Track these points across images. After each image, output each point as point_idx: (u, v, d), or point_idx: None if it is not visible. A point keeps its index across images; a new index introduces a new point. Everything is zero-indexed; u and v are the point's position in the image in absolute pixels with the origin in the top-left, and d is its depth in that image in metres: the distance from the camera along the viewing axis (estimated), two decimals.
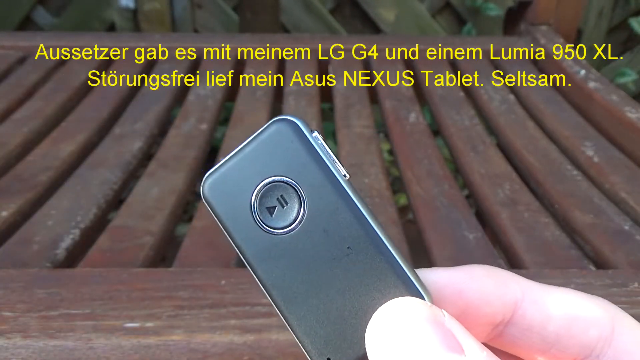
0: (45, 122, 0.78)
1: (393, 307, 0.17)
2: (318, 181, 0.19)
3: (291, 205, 0.19)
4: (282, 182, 0.19)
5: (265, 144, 0.19)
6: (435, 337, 0.16)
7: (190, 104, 0.84)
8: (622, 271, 0.48)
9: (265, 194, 0.19)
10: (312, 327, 0.19)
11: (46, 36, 1.05)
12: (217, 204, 0.19)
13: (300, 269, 0.19)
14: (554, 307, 0.18)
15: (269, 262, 0.19)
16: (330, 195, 0.19)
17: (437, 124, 0.83)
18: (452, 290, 0.18)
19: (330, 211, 0.19)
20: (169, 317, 0.41)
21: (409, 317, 0.16)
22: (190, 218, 0.60)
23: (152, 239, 0.55)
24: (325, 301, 0.19)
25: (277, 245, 0.19)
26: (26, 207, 0.60)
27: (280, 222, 0.19)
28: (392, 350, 0.16)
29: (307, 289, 0.19)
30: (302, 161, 0.19)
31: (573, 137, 0.76)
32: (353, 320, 0.18)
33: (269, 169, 0.19)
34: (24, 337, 0.39)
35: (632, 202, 0.62)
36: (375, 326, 0.17)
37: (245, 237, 0.19)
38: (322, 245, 0.19)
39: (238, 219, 0.19)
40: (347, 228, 0.19)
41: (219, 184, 0.19)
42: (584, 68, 0.93)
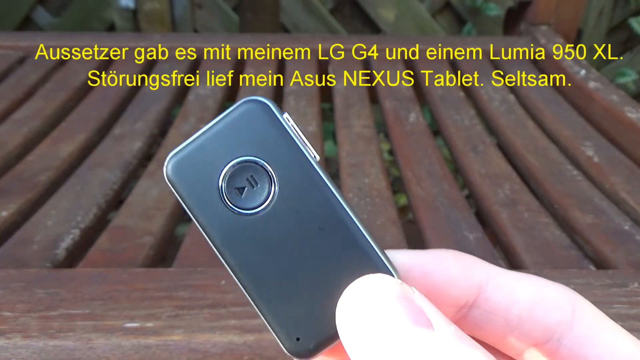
0: (45, 122, 0.78)
1: (363, 283, 0.17)
2: (289, 162, 0.19)
3: (261, 185, 0.19)
4: (252, 163, 0.19)
5: (235, 124, 0.19)
6: (404, 313, 0.16)
7: (190, 104, 0.84)
8: (622, 271, 0.48)
9: (234, 174, 0.19)
10: (280, 308, 0.19)
11: (46, 36, 1.05)
12: (182, 184, 0.19)
13: (269, 250, 0.19)
14: (518, 291, 0.19)
15: (237, 244, 0.19)
16: (302, 176, 0.19)
17: (437, 124, 0.83)
18: (419, 272, 0.19)
19: (302, 192, 0.19)
20: (169, 317, 0.41)
21: (379, 292, 0.17)
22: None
23: (152, 239, 0.55)
24: (295, 282, 0.19)
25: (246, 227, 0.19)
26: (26, 207, 0.60)
27: (249, 202, 0.19)
28: (362, 325, 0.16)
29: (276, 270, 0.19)
30: (273, 142, 0.19)
31: (573, 137, 0.76)
32: (323, 300, 0.18)
33: (238, 149, 0.19)
34: (24, 337, 0.39)
35: (632, 202, 0.62)
36: (346, 302, 0.17)
37: (212, 218, 0.19)
38: (292, 226, 0.18)
39: (204, 200, 0.19)
40: (319, 208, 0.18)
41: (184, 164, 0.19)
42: (584, 68, 0.93)
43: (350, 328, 0.17)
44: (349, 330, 0.17)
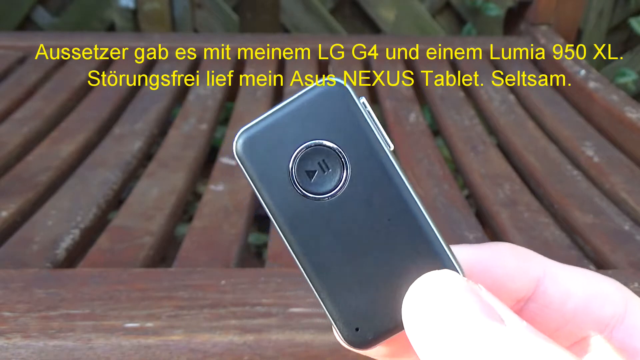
0: (45, 122, 0.78)
1: (432, 278, 0.17)
2: (364, 149, 0.18)
3: (333, 171, 0.18)
4: (326, 147, 0.18)
5: (310, 105, 0.18)
6: (475, 306, 0.16)
7: (190, 104, 0.84)
8: (622, 271, 0.48)
9: (306, 156, 0.18)
10: (342, 296, 0.18)
11: (46, 36, 1.05)
12: (251, 162, 0.18)
13: (335, 237, 0.18)
14: (573, 285, 0.19)
15: (303, 228, 0.18)
16: (375, 164, 0.18)
17: (437, 124, 0.83)
18: (480, 267, 0.19)
19: (374, 181, 0.18)
20: (169, 317, 0.41)
21: (448, 288, 0.16)
22: (190, 218, 0.60)
23: (152, 239, 0.54)
24: (359, 271, 0.18)
25: (314, 211, 0.18)
26: (26, 207, 0.60)
27: (319, 187, 0.18)
28: (431, 320, 0.16)
29: (340, 258, 0.18)
30: (349, 127, 0.18)
31: (573, 137, 0.76)
32: (386, 292, 0.18)
33: (312, 131, 0.18)
34: (24, 337, 0.39)
35: (632, 202, 0.62)
36: (413, 296, 0.17)
37: (280, 199, 0.18)
38: (361, 215, 0.18)
39: (273, 180, 0.18)
40: (390, 199, 0.18)
41: (255, 141, 0.18)
42: (584, 68, 0.93)
43: (417, 322, 0.16)
44: (416, 324, 0.16)
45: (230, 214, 0.58)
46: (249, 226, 0.59)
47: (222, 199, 0.61)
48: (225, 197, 0.61)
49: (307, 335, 0.39)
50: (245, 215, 0.58)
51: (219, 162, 0.69)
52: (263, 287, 0.44)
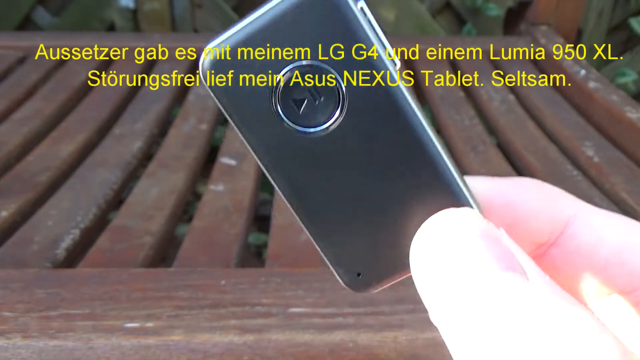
0: (45, 122, 0.78)
1: (443, 218, 0.15)
2: (365, 70, 0.15)
3: (326, 99, 0.15)
4: (317, 68, 0.14)
5: (294, 14, 0.14)
6: (490, 254, 0.13)
7: (190, 104, 0.84)
8: None
9: (292, 81, 0.15)
10: (341, 240, 0.16)
11: (46, 36, 1.05)
12: (224, 87, 0.15)
13: (331, 175, 0.15)
14: (607, 231, 0.16)
15: (292, 166, 0.15)
16: (379, 90, 0.15)
17: (437, 124, 0.83)
18: (500, 201, 0.16)
19: (377, 109, 0.15)
20: (169, 317, 0.41)
21: (461, 229, 0.14)
22: (190, 218, 0.60)
23: (152, 239, 0.54)
24: (360, 211, 0.16)
25: (304, 147, 0.15)
26: (26, 207, 0.60)
27: (310, 119, 0.15)
28: (440, 267, 0.14)
29: (338, 198, 0.16)
30: (344, 42, 0.14)
31: (573, 137, 0.76)
32: (392, 233, 0.16)
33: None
34: (24, 337, 0.39)
35: (632, 202, 0.62)
36: (422, 239, 0.15)
37: (262, 133, 0.15)
38: (362, 148, 0.15)
39: (253, 109, 0.15)
40: (396, 131, 0.15)
41: (228, 61, 0.15)
42: (584, 68, 0.93)
43: (424, 269, 0.14)
44: (424, 272, 0.14)
45: (230, 214, 0.58)
46: (249, 226, 0.59)
47: (222, 199, 0.61)
48: (225, 197, 0.61)
49: (307, 335, 0.39)
50: (245, 215, 0.58)
51: (219, 162, 0.68)
52: (263, 287, 0.44)
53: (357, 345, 0.39)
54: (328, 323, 0.40)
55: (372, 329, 0.40)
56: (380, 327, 0.40)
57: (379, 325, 0.40)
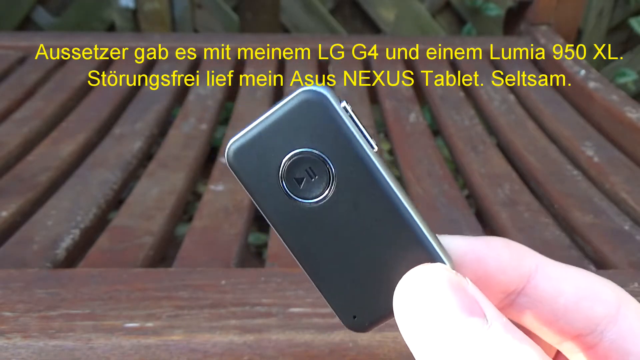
0: (45, 122, 0.78)
1: (419, 272, 0.18)
2: (347, 155, 0.19)
3: (320, 177, 0.19)
4: (311, 154, 0.19)
5: (292, 114, 0.19)
6: (457, 302, 0.16)
7: (190, 104, 0.84)
8: (622, 271, 0.48)
9: (293, 164, 0.19)
10: (339, 289, 0.20)
11: (46, 36, 1.05)
12: (244, 170, 0.19)
13: (328, 236, 0.19)
14: (565, 282, 0.19)
15: (298, 229, 0.19)
16: (360, 168, 0.19)
17: (437, 124, 0.83)
18: (472, 257, 0.19)
19: (359, 184, 0.19)
20: (169, 317, 0.41)
21: (434, 281, 0.17)
22: (190, 218, 0.60)
23: (152, 239, 0.55)
24: (352, 266, 0.19)
25: (306, 214, 0.19)
26: (26, 207, 0.60)
27: (308, 193, 0.19)
28: (417, 313, 0.17)
29: (334, 255, 0.19)
30: (330, 134, 0.19)
31: (573, 137, 0.76)
32: (379, 284, 0.19)
33: (296, 140, 0.19)
34: (24, 337, 0.39)
35: (632, 202, 0.62)
36: (402, 290, 0.18)
37: (273, 204, 0.19)
38: (350, 216, 0.19)
39: (265, 186, 0.19)
40: (376, 201, 0.19)
41: (245, 151, 0.19)
42: (584, 68, 0.93)
43: (406, 315, 0.17)
44: (405, 317, 0.17)
45: (230, 214, 0.58)
46: (249, 226, 0.59)
47: (222, 199, 0.61)
48: (225, 197, 0.61)
49: (307, 335, 0.40)
50: (245, 215, 0.58)
51: (219, 162, 0.69)
52: (263, 287, 0.44)
53: (357, 345, 0.39)
54: (328, 323, 0.40)
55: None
56: (380, 327, 0.40)
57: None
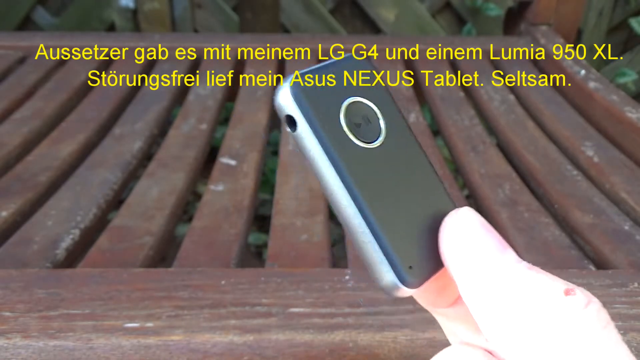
0: (45, 122, 0.78)
1: (460, 215, 0.21)
2: (392, 113, 0.22)
3: (373, 124, 0.21)
4: (367, 105, 0.21)
5: (351, 69, 0.21)
6: (494, 238, 0.20)
7: (190, 104, 0.84)
8: (622, 271, 0.48)
9: (353, 109, 0.21)
10: (396, 235, 0.20)
11: (46, 36, 1.05)
12: (307, 106, 0.20)
13: (383, 180, 0.20)
14: None
15: (357, 170, 0.20)
16: (400, 124, 0.22)
17: (437, 124, 0.83)
18: None
19: (401, 138, 0.21)
20: (169, 317, 0.41)
21: (471, 222, 0.21)
22: (190, 218, 0.60)
23: (152, 239, 0.54)
24: (405, 212, 0.21)
25: (364, 156, 0.20)
26: (26, 207, 0.60)
27: (366, 136, 0.20)
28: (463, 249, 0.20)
29: (390, 200, 0.20)
30: (381, 94, 0.22)
31: (573, 137, 0.76)
32: (427, 231, 0.21)
33: (356, 90, 0.21)
34: (24, 337, 0.39)
35: (632, 202, 0.62)
36: (447, 234, 0.20)
37: (337, 144, 0.20)
38: (398, 163, 0.21)
39: (329, 125, 0.20)
40: (413, 155, 0.22)
41: (310, 88, 0.20)
42: (584, 68, 0.93)
43: (454, 251, 0.20)
44: (452, 257, 0.20)
45: (230, 214, 0.58)
46: (249, 226, 0.59)
47: (222, 199, 0.61)
48: (225, 197, 0.61)
49: (307, 335, 0.39)
50: (245, 215, 0.58)
51: (219, 162, 0.68)
52: (263, 287, 0.44)
53: (357, 345, 0.39)
54: (328, 323, 0.40)
55: (372, 329, 0.40)
56: (380, 327, 0.40)
57: (379, 325, 0.40)
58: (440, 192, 0.22)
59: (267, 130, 0.78)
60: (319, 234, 0.54)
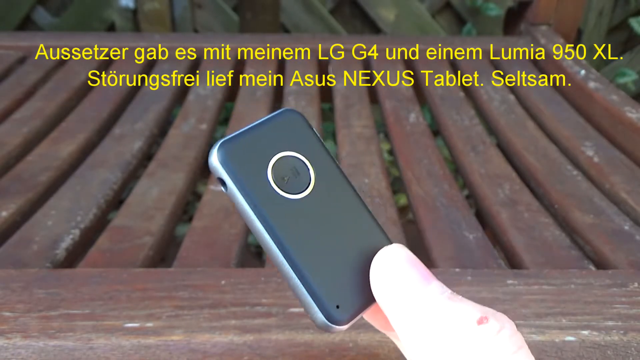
0: (45, 122, 0.78)
1: (387, 252, 0.22)
2: (323, 160, 0.23)
3: (302, 175, 0.22)
4: (295, 157, 0.22)
5: (279, 125, 0.23)
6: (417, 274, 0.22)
7: (190, 104, 0.84)
8: (622, 271, 0.48)
9: (281, 164, 0.22)
10: (321, 278, 0.22)
11: (46, 36, 1.05)
12: (232, 167, 0.21)
13: (310, 228, 0.22)
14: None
15: (282, 222, 0.21)
16: (331, 171, 0.23)
17: (437, 124, 0.83)
18: None
19: (331, 184, 0.23)
20: (169, 317, 0.41)
21: (397, 260, 0.22)
22: (190, 218, 0.60)
23: (152, 239, 0.55)
24: (332, 255, 0.22)
25: (290, 208, 0.22)
26: (26, 207, 0.60)
27: (293, 188, 0.22)
28: (389, 287, 0.21)
29: (316, 246, 0.22)
30: (311, 144, 0.23)
31: (573, 137, 0.76)
32: (355, 271, 0.22)
33: (284, 145, 0.22)
34: (24, 337, 0.39)
35: (632, 202, 0.62)
36: (376, 270, 0.22)
37: (261, 199, 0.21)
38: (327, 209, 0.22)
39: (253, 182, 0.21)
40: (344, 198, 0.23)
41: (235, 151, 0.22)
42: (584, 68, 0.93)
43: (381, 289, 0.22)
44: (380, 291, 0.22)
45: (230, 214, 0.58)
46: None
47: (222, 199, 0.61)
48: (225, 197, 0.61)
49: (307, 335, 0.40)
50: None
51: None
52: (263, 287, 0.44)
53: (357, 345, 0.39)
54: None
55: (372, 329, 0.40)
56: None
57: None
58: (373, 230, 0.23)
59: None
60: None
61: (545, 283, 0.45)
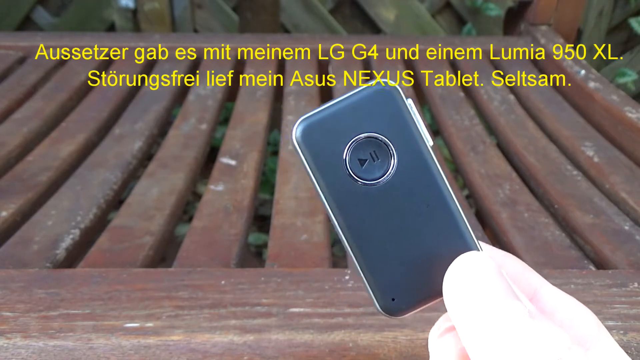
0: (45, 122, 0.78)
1: (469, 259, 0.20)
2: (410, 144, 0.21)
3: (382, 160, 0.21)
4: (377, 139, 0.21)
5: (365, 102, 0.21)
6: (503, 287, 0.19)
7: (190, 104, 0.84)
8: (622, 271, 0.48)
9: (359, 146, 0.21)
10: (382, 270, 0.21)
11: (46, 36, 1.05)
12: (309, 148, 0.20)
13: (380, 217, 0.21)
14: (561, 301, 0.22)
15: (352, 208, 0.21)
16: (419, 158, 0.21)
17: (437, 124, 0.83)
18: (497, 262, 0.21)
19: (417, 172, 0.21)
20: (169, 317, 0.41)
21: (482, 268, 0.20)
22: (190, 218, 0.60)
23: (152, 239, 0.54)
24: (399, 248, 0.21)
25: (362, 195, 0.21)
26: (26, 207, 0.60)
27: (369, 174, 0.21)
28: (468, 296, 0.19)
29: (383, 236, 0.21)
30: (398, 124, 0.21)
31: (573, 137, 0.76)
32: (422, 267, 0.21)
33: (366, 125, 0.20)
34: (24, 337, 0.39)
35: (632, 202, 0.62)
36: (453, 274, 0.20)
37: (333, 182, 0.20)
38: (404, 200, 0.21)
39: (328, 165, 0.20)
40: (429, 189, 0.21)
41: (314, 130, 0.20)
42: (584, 68, 0.93)
43: (456, 297, 0.20)
44: (455, 299, 0.20)
45: (230, 214, 0.58)
46: (249, 226, 0.59)
47: (222, 199, 0.61)
48: (225, 197, 0.61)
49: (307, 335, 0.40)
50: (245, 215, 0.58)
51: (219, 162, 0.69)
52: (263, 287, 0.44)
53: (357, 345, 0.39)
54: (328, 323, 0.40)
55: (372, 329, 0.40)
56: (380, 327, 0.40)
57: (379, 325, 0.40)
58: (458, 231, 0.21)
59: (267, 130, 0.78)
60: (319, 234, 0.54)
61: None
